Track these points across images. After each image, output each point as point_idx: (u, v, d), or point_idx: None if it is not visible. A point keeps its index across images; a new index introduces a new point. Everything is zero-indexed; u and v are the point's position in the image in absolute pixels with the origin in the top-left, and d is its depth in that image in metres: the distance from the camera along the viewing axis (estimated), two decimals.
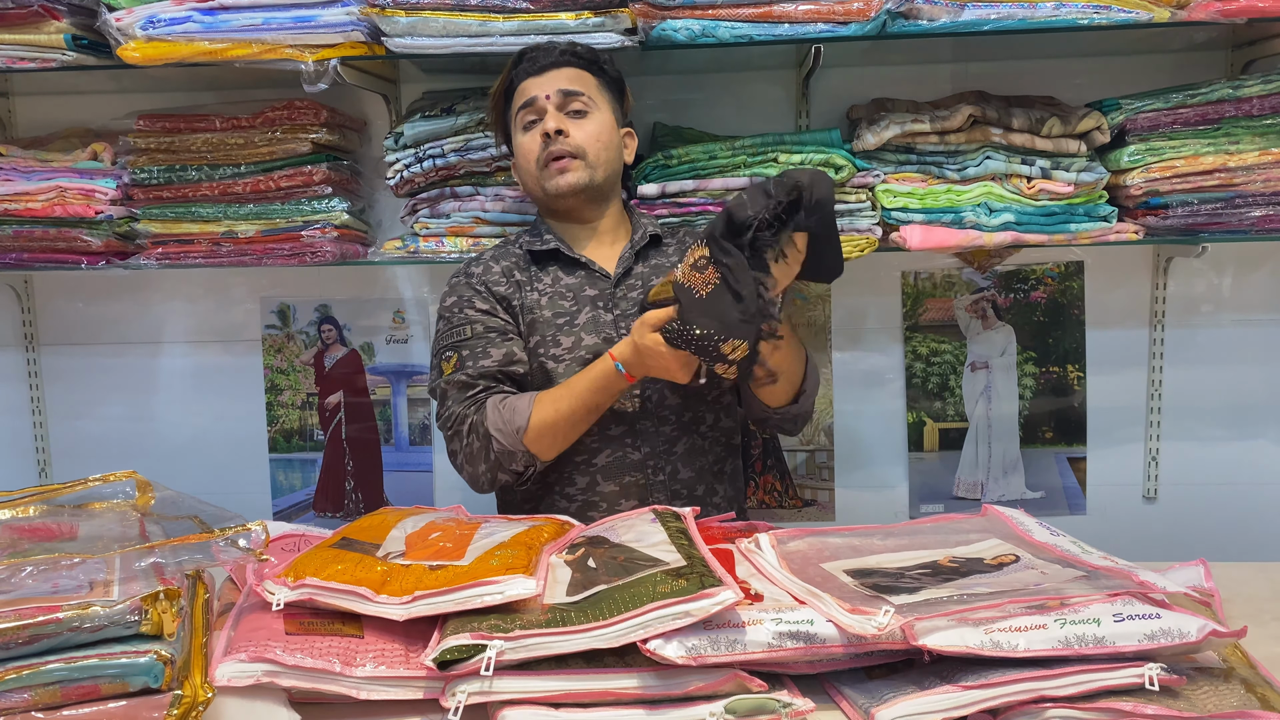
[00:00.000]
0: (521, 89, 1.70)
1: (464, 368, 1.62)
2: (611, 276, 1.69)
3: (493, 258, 1.74)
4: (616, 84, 1.76)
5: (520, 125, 1.70)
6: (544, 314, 1.66)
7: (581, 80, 1.69)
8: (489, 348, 1.63)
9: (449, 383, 1.62)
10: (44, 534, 1.19)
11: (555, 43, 1.71)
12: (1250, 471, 2.27)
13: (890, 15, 1.79)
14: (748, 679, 1.01)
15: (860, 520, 2.25)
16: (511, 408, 1.56)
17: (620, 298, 1.67)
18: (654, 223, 1.80)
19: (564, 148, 1.64)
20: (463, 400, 1.60)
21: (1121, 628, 1.00)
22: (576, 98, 1.66)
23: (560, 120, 1.65)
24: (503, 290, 1.69)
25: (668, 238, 1.78)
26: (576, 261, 1.70)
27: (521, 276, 1.70)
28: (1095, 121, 1.92)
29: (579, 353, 1.62)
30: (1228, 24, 1.77)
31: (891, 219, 1.96)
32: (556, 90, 1.66)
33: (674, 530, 1.23)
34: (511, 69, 1.71)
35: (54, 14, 1.90)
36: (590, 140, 1.66)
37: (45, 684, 0.92)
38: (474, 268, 1.73)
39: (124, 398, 2.41)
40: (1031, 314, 2.26)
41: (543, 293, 1.68)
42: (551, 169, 1.65)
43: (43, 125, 2.28)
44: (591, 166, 1.66)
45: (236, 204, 2.06)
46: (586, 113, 1.67)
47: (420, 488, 2.39)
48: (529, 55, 1.69)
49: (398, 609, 1.08)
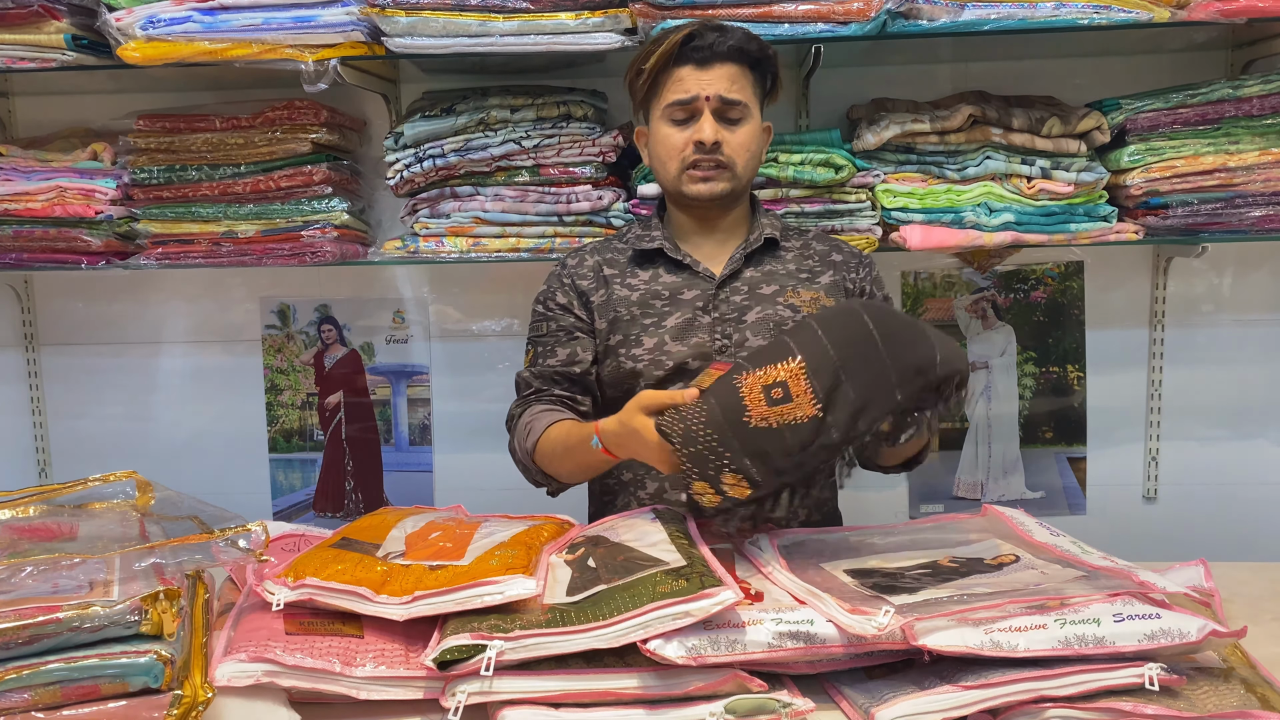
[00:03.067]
0: (678, 76, 1.54)
1: (534, 364, 1.63)
2: (716, 278, 1.60)
3: (592, 250, 1.68)
4: (770, 78, 1.62)
5: (667, 116, 1.56)
6: (632, 311, 1.59)
7: (742, 83, 1.55)
8: (556, 346, 1.62)
9: (519, 377, 1.64)
10: (44, 534, 1.19)
11: (727, 28, 1.54)
12: (1250, 471, 2.27)
13: (890, 15, 1.79)
14: (748, 679, 1.01)
15: (860, 520, 2.25)
16: (529, 427, 1.55)
17: (722, 300, 1.58)
18: (776, 222, 1.69)
19: (716, 158, 1.54)
20: (520, 399, 1.63)
21: (1121, 628, 1.00)
22: (735, 106, 1.54)
23: (716, 130, 1.53)
24: (585, 285, 1.63)
25: (788, 239, 1.67)
26: (681, 261, 1.62)
27: (612, 271, 1.63)
28: (1095, 121, 1.92)
29: (660, 356, 1.55)
30: (1228, 24, 1.77)
31: (891, 219, 1.96)
32: (717, 96, 1.53)
33: (674, 530, 1.23)
34: (674, 48, 1.53)
35: (54, 14, 1.90)
36: (741, 150, 1.56)
37: (45, 684, 0.92)
38: (570, 259, 1.68)
39: (124, 398, 2.41)
40: (1031, 314, 2.26)
41: (635, 289, 1.61)
42: (694, 174, 1.56)
43: (43, 125, 2.28)
44: (736, 178, 1.57)
45: (236, 204, 2.06)
46: (741, 121, 1.56)
47: (420, 488, 2.39)
48: (696, 40, 1.52)
49: (398, 609, 1.08)
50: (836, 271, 1.64)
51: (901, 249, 1.94)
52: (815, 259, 1.65)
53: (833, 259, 1.66)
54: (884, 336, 1.17)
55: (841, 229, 1.96)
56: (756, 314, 1.56)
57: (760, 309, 1.56)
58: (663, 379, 1.55)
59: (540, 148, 1.98)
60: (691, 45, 1.53)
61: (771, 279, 1.60)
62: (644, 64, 1.56)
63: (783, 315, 1.56)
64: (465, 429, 2.37)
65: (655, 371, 1.55)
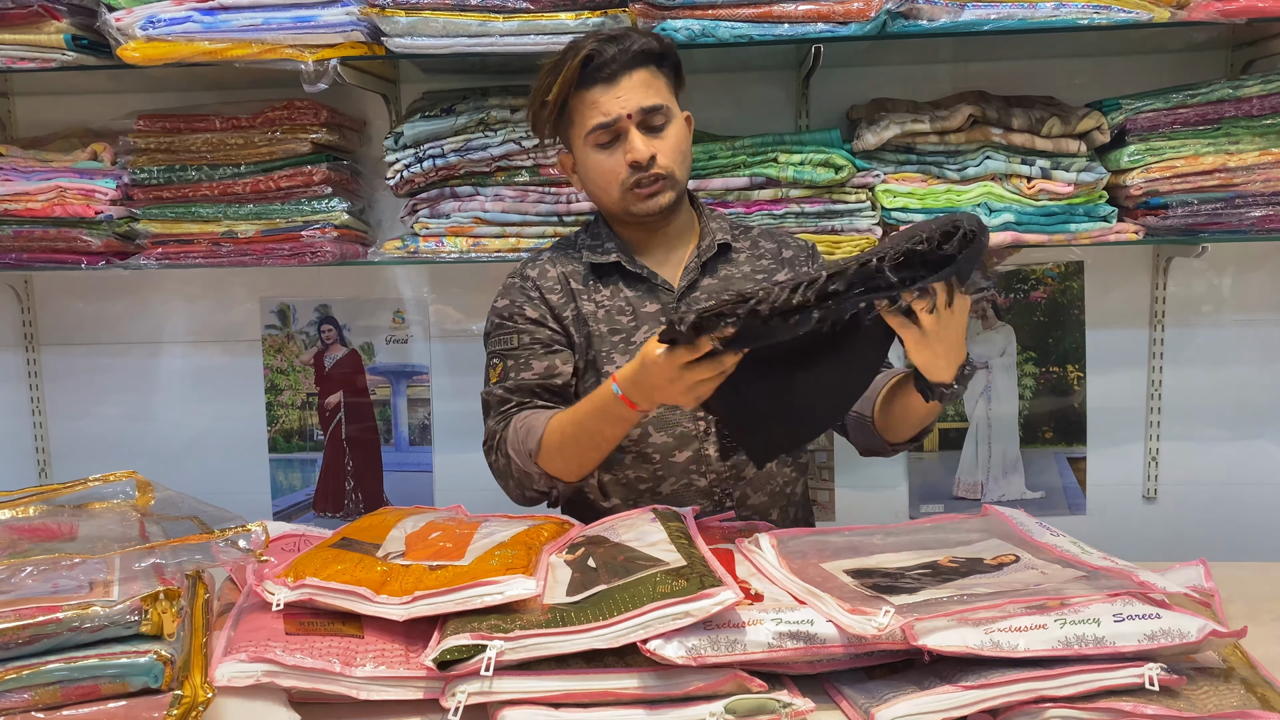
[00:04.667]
0: (589, 100, 1.48)
1: (505, 380, 1.55)
2: (675, 289, 1.57)
3: (550, 260, 1.63)
4: (677, 68, 1.57)
5: (591, 141, 1.50)
6: (600, 328, 1.56)
7: (656, 85, 1.50)
8: (531, 360, 1.55)
9: (490, 395, 1.57)
10: (44, 534, 1.19)
11: (621, 36, 1.49)
12: (1250, 471, 2.27)
13: (890, 15, 1.79)
14: (748, 679, 1.01)
15: (860, 520, 2.25)
16: (528, 427, 1.48)
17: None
18: (724, 225, 1.65)
19: (654, 172, 1.50)
20: (497, 415, 1.55)
21: (1121, 628, 1.00)
22: (656, 112, 1.49)
23: (647, 144, 1.48)
24: (555, 299, 1.59)
25: (737, 240, 1.64)
26: (639, 275, 1.59)
27: (578, 285, 1.60)
28: (1095, 121, 1.92)
29: None
30: (1228, 24, 1.77)
31: (891, 219, 1.96)
32: (638, 108, 1.47)
33: (674, 530, 1.23)
34: (576, 73, 1.47)
35: (54, 14, 1.90)
36: (674, 154, 1.51)
37: (45, 684, 0.92)
38: (530, 270, 1.62)
39: (124, 398, 2.41)
40: (1031, 314, 2.26)
41: (600, 304, 1.58)
42: (639, 193, 1.51)
43: (43, 125, 2.28)
44: (677, 184, 1.53)
45: (236, 204, 2.06)
46: (666, 124, 1.51)
47: (420, 488, 2.39)
48: (596, 59, 1.46)
49: (398, 609, 1.08)
50: (790, 268, 1.63)
51: None
52: (768, 257, 1.63)
53: (784, 256, 1.64)
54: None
55: (841, 229, 1.96)
56: None
57: None
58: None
59: (540, 148, 1.99)
60: (594, 66, 1.47)
61: (729, 284, 1.59)
62: (546, 95, 1.50)
63: None
64: (465, 429, 2.37)
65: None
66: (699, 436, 1.55)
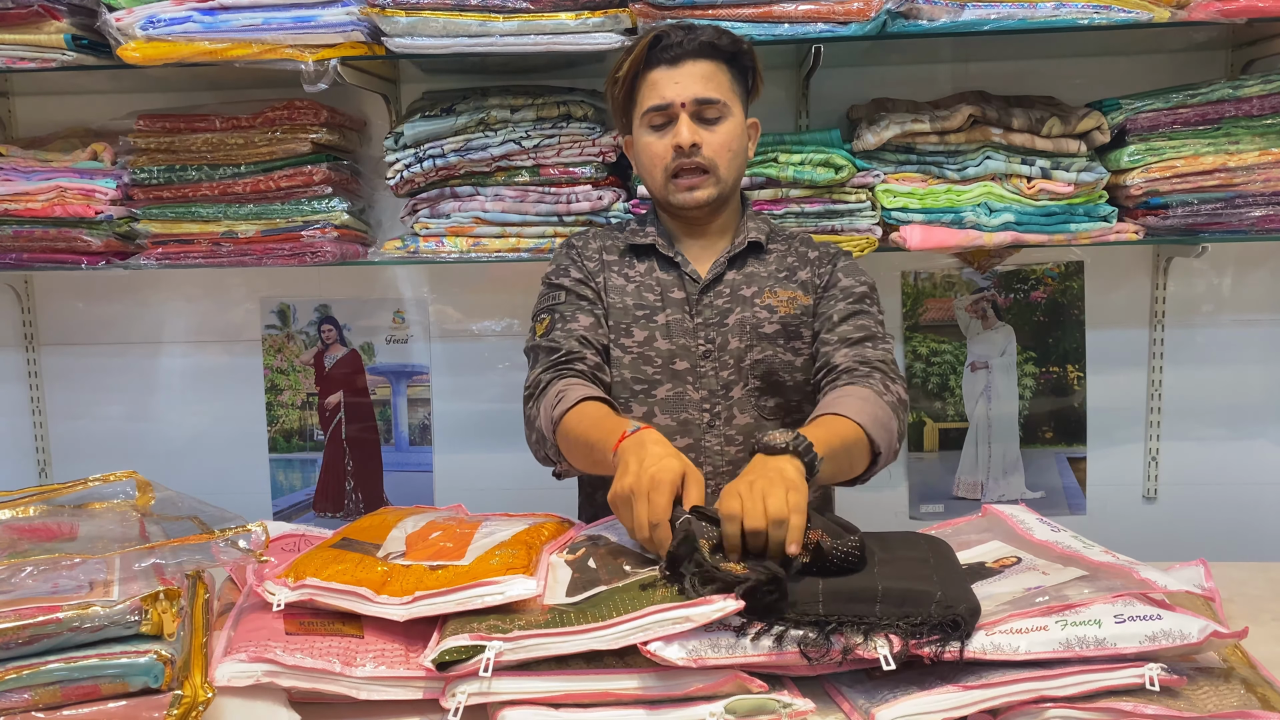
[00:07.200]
0: (650, 80, 1.54)
1: (552, 330, 1.58)
2: (700, 281, 1.60)
3: (595, 235, 1.69)
4: (749, 73, 1.61)
5: (646, 122, 1.56)
6: (625, 301, 1.60)
7: (717, 80, 1.54)
8: (578, 313, 1.59)
9: (538, 346, 1.59)
10: (44, 534, 1.19)
11: (696, 27, 1.55)
12: (1250, 471, 2.27)
13: (890, 15, 1.79)
14: (748, 680, 1.01)
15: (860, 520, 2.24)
16: (560, 394, 1.47)
17: (706, 305, 1.58)
18: (762, 226, 1.66)
19: (697, 161, 1.54)
20: (546, 364, 1.55)
21: (1122, 629, 1.00)
22: (712, 105, 1.53)
23: (694, 132, 1.52)
24: (592, 266, 1.63)
25: (775, 241, 1.66)
26: (672, 259, 1.62)
27: (612, 258, 1.64)
28: (1095, 121, 1.92)
29: (648, 351, 1.57)
30: (1228, 24, 1.77)
31: (891, 219, 1.96)
32: (692, 98, 1.52)
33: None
34: (644, 53, 1.54)
35: (54, 14, 1.90)
36: (721, 151, 1.55)
37: (45, 684, 0.92)
38: (576, 240, 1.68)
39: (124, 398, 2.41)
40: (1031, 314, 2.26)
41: (631, 279, 1.62)
42: (679, 183, 1.55)
43: (43, 125, 2.28)
44: (721, 180, 1.56)
45: (236, 204, 2.06)
46: (720, 120, 1.55)
47: (420, 488, 2.39)
48: (664, 41, 1.53)
49: (398, 609, 1.08)
50: (811, 269, 1.64)
51: (901, 249, 1.94)
52: (795, 258, 1.64)
53: (810, 256, 1.65)
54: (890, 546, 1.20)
55: (841, 229, 1.96)
56: (736, 316, 1.56)
57: (740, 311, 1.57)
58: (652, 375, 1.56)
59: (540, 148, 1.99)
60: (661, 46, 1.53)
61: (751, 280, 1.60)
62: (618, 73, 1.58)
63: (760, 316, 1.56)
64: (465, 429, 2.37)
65: (640, 364, 1.56)
66: (702, 426, 1.57)
